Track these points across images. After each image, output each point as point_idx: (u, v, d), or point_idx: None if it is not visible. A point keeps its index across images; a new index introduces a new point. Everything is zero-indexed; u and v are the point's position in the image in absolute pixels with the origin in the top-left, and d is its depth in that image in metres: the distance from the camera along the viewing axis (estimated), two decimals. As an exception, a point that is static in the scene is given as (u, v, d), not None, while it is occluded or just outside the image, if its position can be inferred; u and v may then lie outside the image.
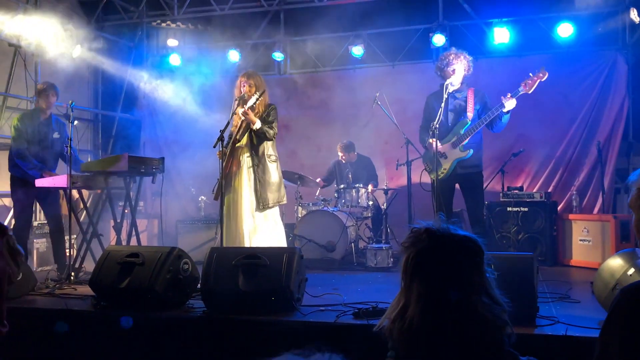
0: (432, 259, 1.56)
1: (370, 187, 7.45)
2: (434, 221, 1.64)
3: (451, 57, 5.49)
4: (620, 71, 7.71)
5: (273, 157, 5.56)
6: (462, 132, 5.42)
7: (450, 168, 5.47)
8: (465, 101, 5.47)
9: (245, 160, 5.48)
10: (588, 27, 7.84)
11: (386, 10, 8.96)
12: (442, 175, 5.48)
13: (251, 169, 5.43)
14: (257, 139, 5.43)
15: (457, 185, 5.65)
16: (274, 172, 5.51)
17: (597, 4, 7.75)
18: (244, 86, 5.48)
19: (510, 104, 5.27)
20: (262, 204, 5.38)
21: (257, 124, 5.36)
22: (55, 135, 6.06)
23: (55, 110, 6.73)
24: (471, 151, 5.39)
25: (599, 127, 7.77)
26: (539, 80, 5.27)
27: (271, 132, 5.46)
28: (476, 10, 8.54)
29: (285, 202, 5.67)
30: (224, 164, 5.29)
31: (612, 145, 7.68)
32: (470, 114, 5.43)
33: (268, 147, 5.52)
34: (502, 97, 5.30)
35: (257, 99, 5.35)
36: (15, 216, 6.07)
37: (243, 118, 5.37)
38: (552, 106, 7.92)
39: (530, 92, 5.32)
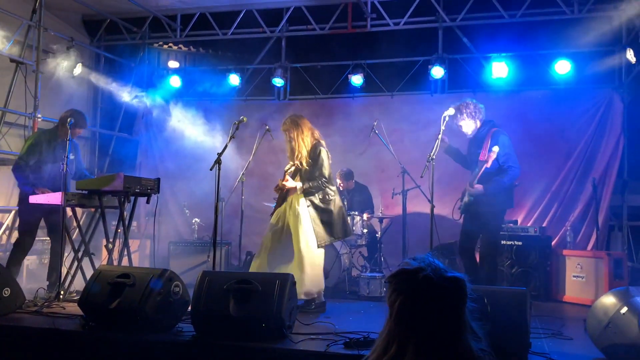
0: (431, 306, 1.54)
1: (365, 216, 7.44)
2: (423, 259, 1.61)
3: (457, 117, 5.51)
4: (616, 109, 7.80)
5: (322, 196, 5.47)
6: (475, 172, 5.39)
7: (463, 206, 5.51)
8: (482, 145, 5.38)
9: (299, 199, 5.44)
10: (585, 65, 7.94)
11: (386, 41, 9.08)
12: (460, 209, 5.57)
13: (305, 209, 5.39)
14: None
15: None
16: (325, 209, 5.45)
17: (595, 42, 7.86)
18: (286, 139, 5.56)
19: (475, 191, 5.29)
20: (318, 242, 5.35)
21: (299, 186, 5.41)
22: (71, 156, 6.06)
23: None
24: (472, 199, 5.34)
25: (594, 164, 7.82)
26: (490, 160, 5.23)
27: (314, 183, 5.38)
28: (475, 45, 8.67)
29: (332, 240, 5.58)
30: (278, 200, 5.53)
31: (607, 182, 7.72)
32: (481, 162, 5.31)
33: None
34: (470, 186, 5.31)
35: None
36: (19, 233, 6.03)
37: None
38: (548, 141, 7.98)
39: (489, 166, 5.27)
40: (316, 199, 5.41)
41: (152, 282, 4.13)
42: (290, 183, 5.42)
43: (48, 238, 6.41)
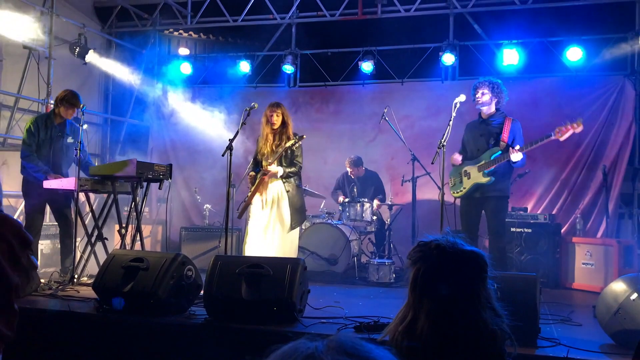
0: (443, 274, 1.58)
1: (375, 202, 7.47)
2: (441, 235, 1.66)
3: (484, 82, 5.52)
4: (628, 97, 7.74)
5: (299, 182, 5.80)
6: (491, 158, 5.40)
7: (469, 189, 5.47)
8: (501, 129, 5.46)
9: (277, 185, 5.66)
10: (597, 52, 7.90)
11: (397, 28, 9.04)
12: (460, 193, 5.53)
13: (284, 194, 5.63)
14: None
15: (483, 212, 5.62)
16: (300, 196, 5.77)
17: (607, 29, 7.81)
18: (272, 115, 5.68)
19: (515, 157, 5.28)
20: (291, 225, 5.61)
21: (280, 172, 5.59)
22: (69, 140, 6.06)
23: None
24: (492, 179, 5.35)
25: (605, 151, 7.78)
26: (572, 131, 5.25)
27: (295, 169, 5.69)
28: (486, 31, 8.62)
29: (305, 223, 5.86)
30: (253, 188, 5.64)
31: (618, 170, 7.69)
32: (503, 143, 5.40)
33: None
34: (511, 149, 5.29)
35: (293, 144, 5.56)
36: (26, 218, 6.07)
37: (263, 171, 5.59)
38: (559, 128, 7.93)
39: (562, 139, 5.31)
40: (293, 184, 5.70)
41: (165, 266, 4.19)
42: (273, 167, 5.56)
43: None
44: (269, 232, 5.61)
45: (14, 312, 2.12)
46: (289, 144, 5.56)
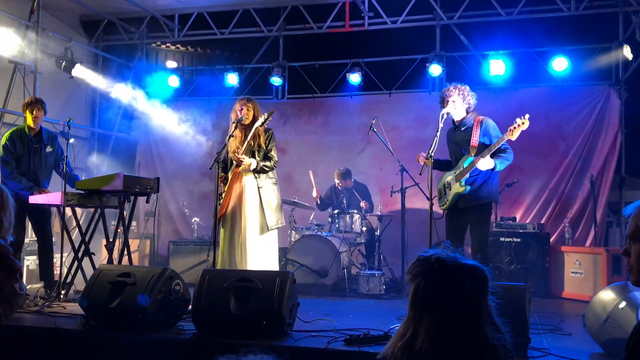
0: (443, 289, 1.56)
1: (363, 204, 7.45)
2: (441, 249, 1.64)
3: (450, 90, 5.41)
4: (614, 106, 7.83)
5: (274, 180, 5.56)
6: (464, 165, 5.22)
7: (451, 200, 5.30)
8: (470, 133, 5.29)
9: (249, 182, 5.41)
10: (582, 62, 7.99)
11: (384, 39, 9.10)
12: (445, 205, 5.37)
13: (256, 191, 5.39)
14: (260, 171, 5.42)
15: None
16: (275, 194, 5.52)
17: (592, 39, 7.91)
18: (242, 109, 5.47)
19: (483, 164, 5.00)
20: (267, 226, 5.36)
21: (253, 165, 5.31)
22: (48, 149, 5.98)
23: (52, 127, 6.72)
24: (468, 187, 5.14)
25: (592, 160, 7.85)
26: (520, 128, 5.09)
27: (270, 164, 5.42)
28: (473, 42, 8.69)
29: (283, 224, 5.65)
30: (225, 188, 5.37)
31: (605, 178, 7.75)
32: (473, 148, 5.20)
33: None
34: (475, 159, 5.06)
35: (263, 122, 5.33)
36: None
37: (236, 163, 5.36)
38: (546, 138, 8.00)
39: (514, 138, 5.14)
40: (270, 180, 5.46)
41: (152, 280, 4.14)
42: (246, 159, 5.28)
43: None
44: (242, 235, 5.32)
45: None
46: (259, 121, 5.28)
